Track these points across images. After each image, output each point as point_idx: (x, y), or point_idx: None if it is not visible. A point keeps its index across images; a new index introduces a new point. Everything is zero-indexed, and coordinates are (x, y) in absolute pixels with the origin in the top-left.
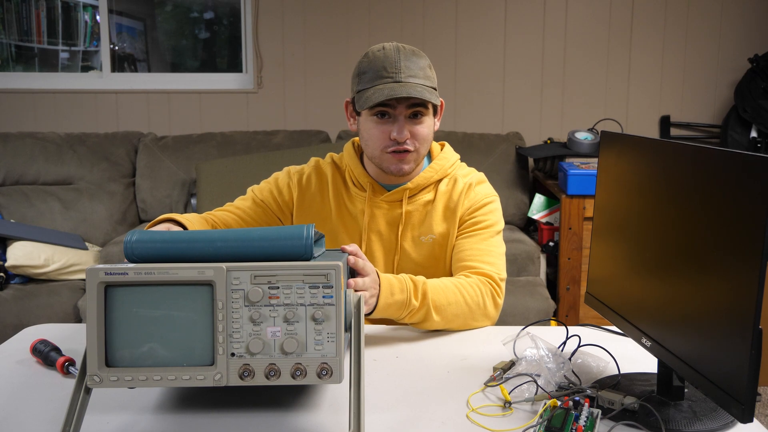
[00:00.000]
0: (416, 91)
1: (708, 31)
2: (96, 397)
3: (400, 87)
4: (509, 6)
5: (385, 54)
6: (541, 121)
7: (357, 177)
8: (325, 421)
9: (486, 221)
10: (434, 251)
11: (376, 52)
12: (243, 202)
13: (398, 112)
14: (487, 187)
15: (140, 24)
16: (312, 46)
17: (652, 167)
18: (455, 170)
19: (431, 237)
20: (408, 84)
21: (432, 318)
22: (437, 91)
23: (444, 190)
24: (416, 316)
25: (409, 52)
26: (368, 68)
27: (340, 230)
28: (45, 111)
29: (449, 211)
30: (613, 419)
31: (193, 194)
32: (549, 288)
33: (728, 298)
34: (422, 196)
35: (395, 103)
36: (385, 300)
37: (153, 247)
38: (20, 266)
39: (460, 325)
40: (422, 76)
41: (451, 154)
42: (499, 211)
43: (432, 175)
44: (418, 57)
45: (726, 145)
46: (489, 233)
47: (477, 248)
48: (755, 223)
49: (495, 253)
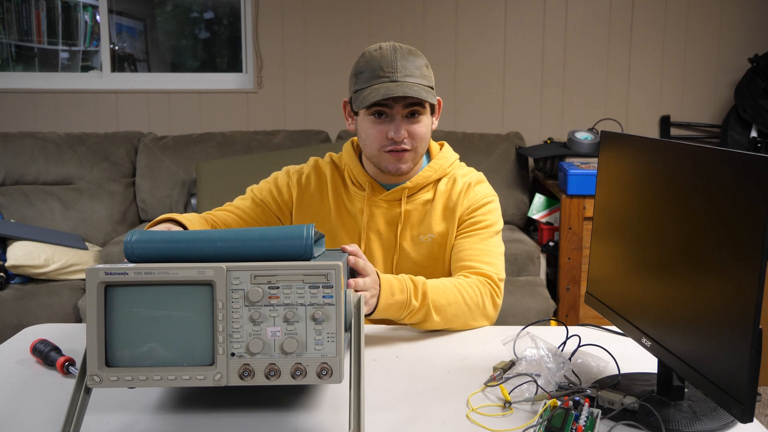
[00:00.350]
0: (413, 90)
1: (708, 31)
2: (96, 397)
3: (397, 86)
4: (509, 6)
5: (382, 54)
6: (541, 121)
7: (356, 176)
8: (325, 421)
9: (485, 221)
10: (433, 251)
11: (373, 51)
12: (242, 201)
13: (395, 112)
14: (486, 187)
15: (140, 24)
16: (312, 46)
17: (652, 167)
18: (454, 170)
19: (430, 236)
20: (404, 83)
21: (432, 318)
22: (434, 90)
23: (443, 190)
24: (416, 317)
25: (405, 51)
26: (365, 68)
27: (339, 229)
28: (45, 111)
29: (448, 211)
30: (613, 419)
31: (193, 194)
32: (549, 288)
33: (728, 298)
34: (421, 196)
35: (392, 102)
36: (385, 300)
37: (153, 247)
38: (20, 266)
39: (460, 325)
40: (419, 75)
41: (450, 154)
42: (498, 210)
43: (431, 174)
44: (414, 56)
45: (726, 145)
46: (488, 233)
47: (476, 248)
48: (755, 223)
49: (494, 253)
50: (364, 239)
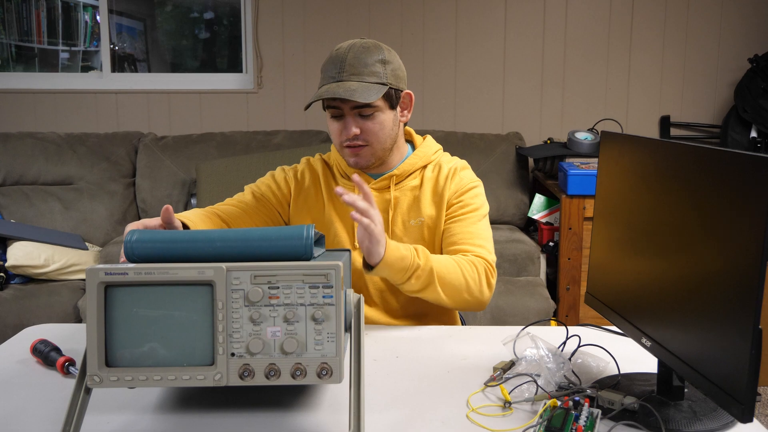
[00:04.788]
0: (348, 91)
1: (708, 31)
2: (96, 397)
3: (336, 87)
4: (509, 6)
5: (338, 52)
6: (541, 121)
7: (344, 169)
8: (325, 421)
9: (472, 204)
10: (423, 234)
11: (335, 50)
12: (243, 196)
13: (345, 111)
14: (470, 173)
15: (140, 24)
16: (312, 46)
17: (652, 167)
18: (439, 157)
19: (420, 220)
20: (344, 84)
21: (434, 284)
22: (389, 85)
23: (430, 176)
24: (420, 280)
25: (360, 48)
26: (324, 67)
27: (334, 219)
28: (45, 111)
29: (437, 196)
30: (613, 419)
31: (193, 194)
32: (549, 288)
33: (728, 298)
34: (409, 182)
35: (339, 102)
36: (391, 253)
37: (153, 247)
38: (20, 266)
39: (457, 300)
40: (366, 73)
41: (433, 144)
42: (483, 195)
43: (416, 162)
44: (368, 53)
45: (726, 145)
46: (477, 216)
47: (467, 231)
48: (755, 223)
49: (484, 236)
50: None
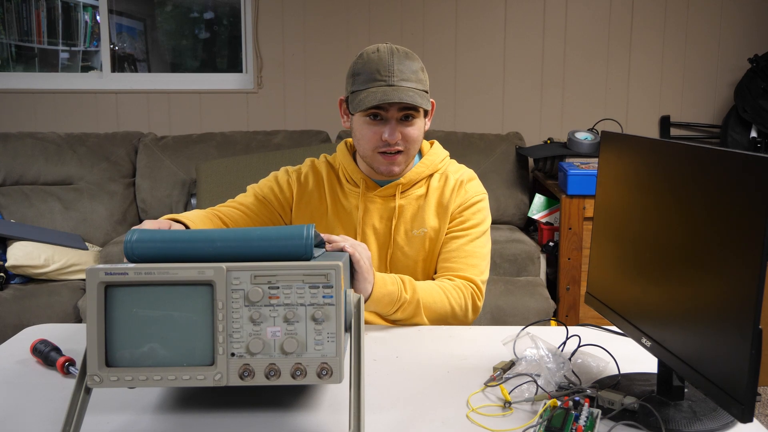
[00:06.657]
0: (408, 96)
1: (708, 31)
2: (96, 397)
3: (393, 91)
4: (509, 6)
5: (380, 56)
6: (541, 121)
7: (350, 174)
8: (325, 421)
9: (473, 220)
10: (425, 245)
11: (371, 54)
12: (245, 198)
13: (390, 115)
14: (477, 185)
15: (140, 24)
16: (312, 46)
17: (652, 167)
18: (445, 166)
19: (423, 230)
20: (400, 88)
21: (420, 314)
22: (428, 94)
23: (436, 186)
24: (407, 311)
25: (402, 55)
26: (362, 70)
27: (336, 225)
28: (45, 111)
29: (441, 207)
30: (613, 419)
31: (193, 194)
32: (549, 288)
33: (728, 298)
34: (414, 191)
35: (387, 105)
36: (378, 289)
37: (153, 247)
38: (20, 266)
39: (442, 324)
40: (414, 80)
41: (440, 151)
42: (487, 209)
43: (423, 170)
44: (411, 60)
45: (726, 145)
46: (476, 233)
47: (463, 249)
48: (755, 223)
49: (479, 254)
50: (360, 234)
